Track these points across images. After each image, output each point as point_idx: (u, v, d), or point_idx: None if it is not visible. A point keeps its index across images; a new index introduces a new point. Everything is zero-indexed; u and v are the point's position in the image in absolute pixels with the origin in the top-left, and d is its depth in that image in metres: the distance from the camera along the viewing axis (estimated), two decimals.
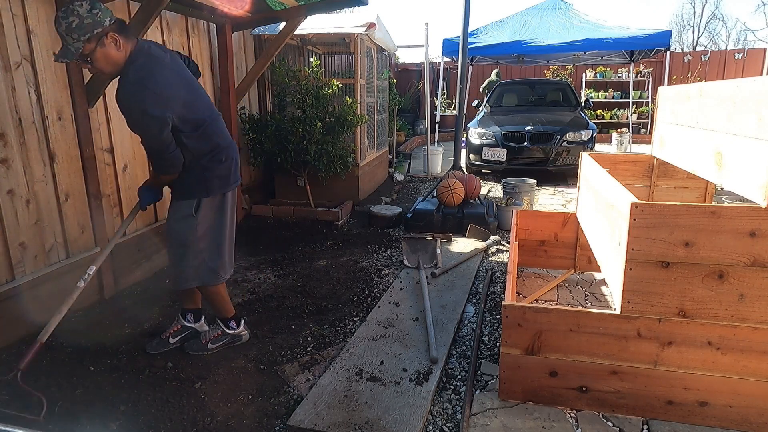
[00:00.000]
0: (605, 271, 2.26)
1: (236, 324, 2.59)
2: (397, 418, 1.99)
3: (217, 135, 2.30)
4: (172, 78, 2.10)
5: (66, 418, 2.03)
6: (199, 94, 2.26)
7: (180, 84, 2.14)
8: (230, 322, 2.57)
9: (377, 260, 3.94)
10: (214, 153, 2.27)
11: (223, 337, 2.56)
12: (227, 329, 2.56)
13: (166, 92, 2.04)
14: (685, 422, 1.96)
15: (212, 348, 2.53)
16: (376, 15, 5.63)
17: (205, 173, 2.27)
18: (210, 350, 2.52)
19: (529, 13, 9.62)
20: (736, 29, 36.04)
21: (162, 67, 2.08)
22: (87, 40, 1.92)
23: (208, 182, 2.28)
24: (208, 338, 2.55)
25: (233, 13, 4.17)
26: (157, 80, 2.02)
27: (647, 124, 12.07)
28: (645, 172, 3.21)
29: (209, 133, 2.25)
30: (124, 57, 2.03)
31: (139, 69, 2.02)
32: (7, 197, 2.57)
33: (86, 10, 1.91)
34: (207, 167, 2.26)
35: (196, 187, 2.28)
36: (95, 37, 1.94)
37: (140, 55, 2.06)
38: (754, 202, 1.72)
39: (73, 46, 1.93)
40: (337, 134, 4.91)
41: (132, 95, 2.01)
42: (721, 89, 2.07)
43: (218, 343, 2.55)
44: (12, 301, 2.57)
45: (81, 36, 1.91)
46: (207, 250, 2.36)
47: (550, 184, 6.92)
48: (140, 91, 1.99)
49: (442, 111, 11.80)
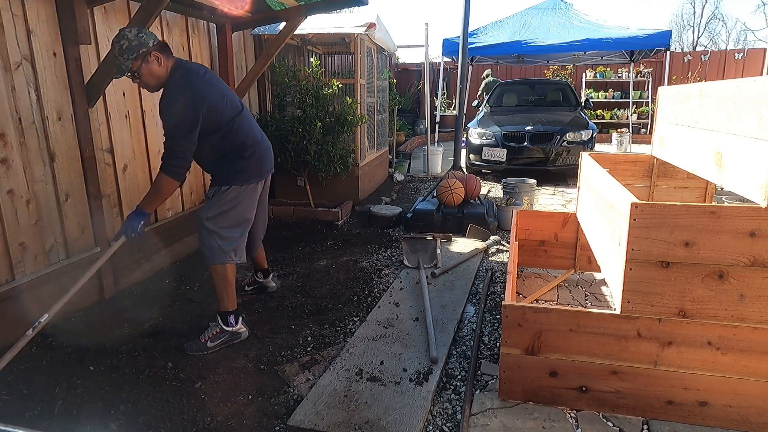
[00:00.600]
0: (605, 271, 2.26)
1: (235, 320, 2.62)
2: (397, 418, 1.99)
3: (244, 135, 2.59)
4: (203, 86, 2.44)
5: (66, 418, 2.03)
6: (228, 99, 2.54)
7: (210, 90, 2.45)
8: (229, 317, 2.61)
9: (377, 260, 3.94)
10: (239, 150, 2.57)
11: (222, 335, 2.59)
12: (225, 326, 2.59)
13: (197, 99, 2.38)
14: (685, 422, 1.96)
15: (211, 347, 2.55)
16: (376, 15, 5.63)
17: (228, 166, 2.58)
18: (210, 349, 2.54)
19: (529, 13, 9.61)
20: (736, 29, 36.07)
21: (196, 78, 2.44)
22: (134, 58, 2.32)
23: (230, 174, 2.58)
24: (207, 337, 2.57)
25: (233, 13, 4.17)
26: (190, 89, 2.38)
27: (647, 124, 12.07)
28: (645, 172, 3.21)
29: (235, 132, 2.56)
30: (165, 72, 2.41)
31: (177, 80, 2.40)
32: (7, 197, 2.57)
33: (134, 34, 2.32)
34: (232, 161, 2.58)
35: (219, 176, 2.61)
36: (141, 56, 2.33)
37: (178, 69, 2.43)
38: (754, 202, 1.71)
39: (124, 64, 2.33)
40: (337, 134, 4.91)
41: (170, 102, 2.36)
42: (721, 89, 2.07)
43: (217, 341, 2.57)
44: (12, 301, 2.57)
45: (130, 56, 2.31)
46: (219, 232, 2.57)
47: (550, 184, 6.92)
48: (177, 99, 2.35)
49: (442, 111, 11.80)
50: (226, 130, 2.52)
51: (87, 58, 3.01)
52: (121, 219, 3.36)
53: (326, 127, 4.83)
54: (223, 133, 2.51)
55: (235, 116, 2.55)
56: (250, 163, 2.60)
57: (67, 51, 2.84)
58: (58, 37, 2.81)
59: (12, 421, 1.98)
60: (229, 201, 2.57)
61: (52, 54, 2.78)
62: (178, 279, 3.55)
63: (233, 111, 2.55)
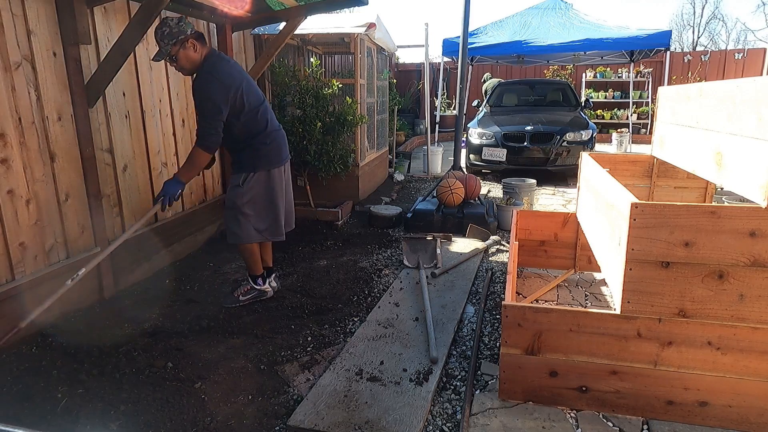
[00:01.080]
0: (605, 271, 2.26)
1: (262, 281, 3.11)
2: (397, 418, 1.99)
3: (266, 122, 2.89)
4: (233, 72, 2.77)
5: (66, 418, 2.03)
6: (253, 88, 2.86)
7: (238, 77, 2.77)
8: (258, 279, 3.09)
9: (377, 260, 3.94)
10: (262, 136, 2.87)
11: (251, 292, 3.09)
12: (255, 285, 3.09)
13: (227, 82, 2.70)
14: (685, 422, 1.96)
15: (243, 300, 3.06)
16: (376, 15, 5.63)
17: (253, 153, 2.87)
18: (242, 302, 3.05)
19: (529, 13, 9.61)
20: (736, 29, 36.05)
21: (226, 64, 2.78)
22: (173, 43, 2.63)
23: (255, 160, 2.88)
24: (240, 292, 3.07)
25: (233, 13, 4.17)
26: (222, 73, 2.71)
27: (647, 124, 12.07)
28: (645, 172, 3.21)
29: (258, 119, 2.85)
30: (200, 59, 2.72)
31: (210, 65, 2.72)
32: (7, 197, 2.57)
33: (175, 23, 2.63)
34: (256, 148, 2.87)
35: (245, 163, 2.88)
36: (179, 42, 2.64)
37: (211, 56, 2.75)
38: (754, 202, 1.71)
39: (164, 49, 2.64)
40: (337, 134, 4.91)
41: (204, 83, 2.68)
42: (721, 89, 2.07)
43: (248, 296, 3.08)
44: (12, 301, 2.57)
45: (170, 41, 2.62)
46: (253, 215, 2.92)
47: (550, 184, 6.92)
48: (210, 81, 2.67)
49: (442, 111, 11.80)
50: (251, 116, 2.82)
51: (87, 58, 3.01)
52: (121, 219, 3.36)
53: (326, 127, 4.83)
54: (248, 119, 2.81)
55: (259, 105, 2.86)
56: (272, 149, 2.91)
57: (67, 51, 2.84)
58: (58, 37, 2.80)
59: (12, 421, 1.98)
60: (261, 186, 2.90)
61: (52, 54, 2.78)
62: (178, 279, 3.55)
63: (257, 100, 2.85)
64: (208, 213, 4.32)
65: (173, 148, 3.88)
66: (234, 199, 2.88)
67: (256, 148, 2.86)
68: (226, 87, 2.67)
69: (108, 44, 3.12)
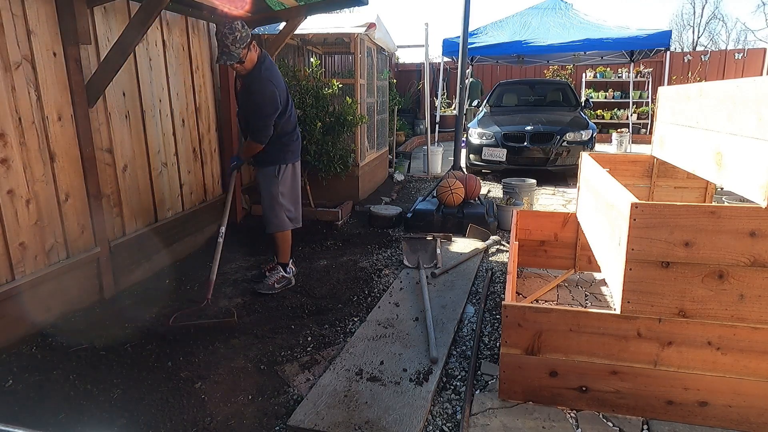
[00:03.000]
0: (605, 271, 2.26)
1: (290, 270, 3.37)
2: (397, 418, 1.99)
3: (294, 120, 3.23)
4: (280, 77, 3.07)
5: (66, 418, 2.03)
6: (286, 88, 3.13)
7: (282, 79, 3.08)
8: (287, 267, 3.35)
9: (377, 260, 3.94)
10: (290, 134, 3.19)
11: (283, 280, 3.33)
12: (285, 273, 3.34)
13: (281, 86, 3.01)
14: (685, 422, 1.96)
15: (278, 288, 3.27)
16: (376, 15, 5.63)
17: (284, 147, 3.17)
18: (276, 290, 3.26)
19: (529, 13, 9.60)
20: (736, 29, 36.07)
21: (275, 67, 3.06)
22: (244, 47, 2.83)
23: (285, 154, 3.19)
24: (273, 280, 3.28)
25: (233, 13, 4.17)
26: (277, 78, 3.00)
27: (647, 124, 12.06)
28: (645, 172, 3.21)
29: (291, 117, 3.18)
30: (256, 58, 2.96)
31: (266, 70, 2.96)
32: (7, 197, 2.57)
33: (242, 26, 2.83)
34: (285, 143, 3.17)
35: (275, 156, 3.16)
36: (247, 45, 2.85)
37: (265, 58, 3.00)
38: (754, 202, 1.71)
39: (235, 52, 2.81)
40: (337, 134, 4.91)
41: (263, 86, 2.93)
42: (721, 89, 2.07)
43: (280, 284, 3.29)
44: (12, 301, 2.57)
45: (241, 45, 2.81)
46: (288, 203, 3.26)
47: (550, 184, 6.92)
48: (268, 86, 2.93)
49: (442, 111, 11.79)
50: (287, 115, 3.10)
51: (87, 58, 3.01)
52: (121, 219, 3.36)
53: (326, 127, 4.83)
54: (286, 117, 3.10)
55: (289, 104, 3.13)
56: (297, 145, 3.27)
57: (67, 51, 2.84)
58: (58, 37, 2.80)
59: (12, 421, 1.98)
60: (289, 177, 3.22)
61: (52, 54, 2.78)
62: (178, 279, 3.55)
63: (288, 100, 3.15)
64: (208, 213, 4.32)
65: (173, 148, 3.88)
66: (271, 190, 3.16)
67: (285, 143, 3.16)
68: (279, 90, 2.97)
69: (108, 44, 3.12)
